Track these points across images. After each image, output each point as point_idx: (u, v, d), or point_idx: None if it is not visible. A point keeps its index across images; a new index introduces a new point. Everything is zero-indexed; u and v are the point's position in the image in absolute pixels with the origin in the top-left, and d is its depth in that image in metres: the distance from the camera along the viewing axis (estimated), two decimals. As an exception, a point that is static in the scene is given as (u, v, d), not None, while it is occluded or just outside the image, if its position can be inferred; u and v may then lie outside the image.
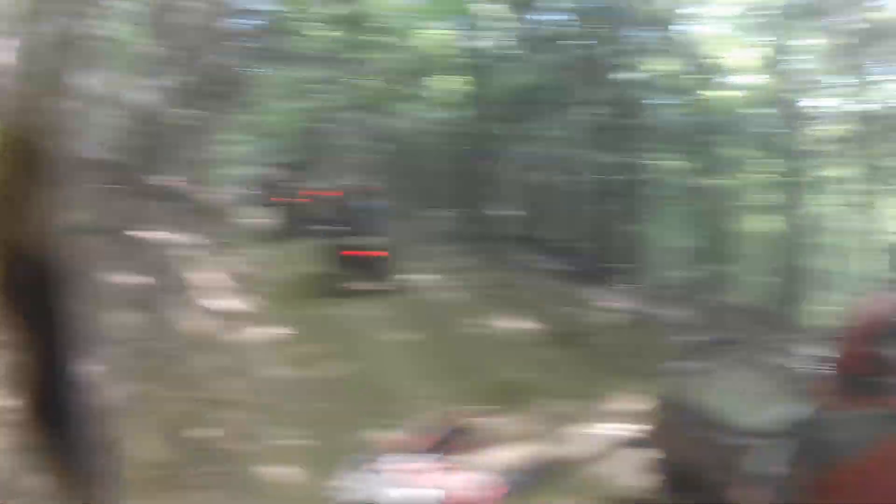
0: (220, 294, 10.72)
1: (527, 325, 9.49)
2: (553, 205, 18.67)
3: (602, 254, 13.83)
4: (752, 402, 2.87)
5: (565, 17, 15.83)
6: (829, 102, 14.36)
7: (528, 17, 16.40)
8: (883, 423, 1.63)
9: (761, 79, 14.98)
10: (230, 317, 9.76)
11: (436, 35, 17.72)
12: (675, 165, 14.82)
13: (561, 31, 16.04)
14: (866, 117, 13.13)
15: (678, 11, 14.37)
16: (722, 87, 15.34)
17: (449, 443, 2.09)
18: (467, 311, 9.92)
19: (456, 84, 17.42)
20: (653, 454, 4.12)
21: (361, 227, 9.95)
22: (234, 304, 10.49)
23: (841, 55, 13.10)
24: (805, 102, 14.32)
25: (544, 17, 16.56)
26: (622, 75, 14.99)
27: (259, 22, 17.15)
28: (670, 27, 14.49)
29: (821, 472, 1.71)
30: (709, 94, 14.49)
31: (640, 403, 6.27)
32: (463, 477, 1.50)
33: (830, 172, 14.65)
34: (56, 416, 0.73)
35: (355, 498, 1.46)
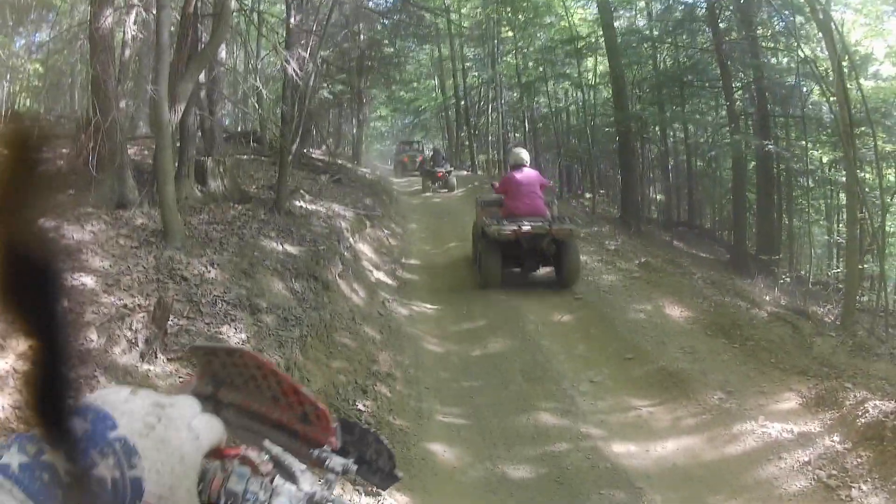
0: (376, 263, 11.03)
1: (680, 311, 9.36)
2: (700, 190, 18.22)
3: (748, 243, 13.47)
4: None
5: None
6: None
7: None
8: None
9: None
10: (384, 287, 10.04)
11: (582, 15, 17.54)
12: (823, 156, 14.25)
13: (700, 12, 15.65)
14: None
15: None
16: (872, 76, 14.70)
17: None
18: (625, 292, 9.96)
19: (601, 64, 17.40)
20: None
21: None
22: (387, 272, 10.77)
23: None
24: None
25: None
26: (766, 60, 14.49)
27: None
28: (814, 12, 13.91)
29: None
30: (858, 83, 13.85)
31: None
32: None
33: None
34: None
35: None
